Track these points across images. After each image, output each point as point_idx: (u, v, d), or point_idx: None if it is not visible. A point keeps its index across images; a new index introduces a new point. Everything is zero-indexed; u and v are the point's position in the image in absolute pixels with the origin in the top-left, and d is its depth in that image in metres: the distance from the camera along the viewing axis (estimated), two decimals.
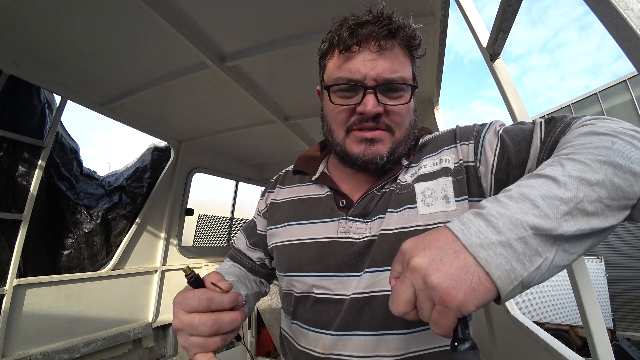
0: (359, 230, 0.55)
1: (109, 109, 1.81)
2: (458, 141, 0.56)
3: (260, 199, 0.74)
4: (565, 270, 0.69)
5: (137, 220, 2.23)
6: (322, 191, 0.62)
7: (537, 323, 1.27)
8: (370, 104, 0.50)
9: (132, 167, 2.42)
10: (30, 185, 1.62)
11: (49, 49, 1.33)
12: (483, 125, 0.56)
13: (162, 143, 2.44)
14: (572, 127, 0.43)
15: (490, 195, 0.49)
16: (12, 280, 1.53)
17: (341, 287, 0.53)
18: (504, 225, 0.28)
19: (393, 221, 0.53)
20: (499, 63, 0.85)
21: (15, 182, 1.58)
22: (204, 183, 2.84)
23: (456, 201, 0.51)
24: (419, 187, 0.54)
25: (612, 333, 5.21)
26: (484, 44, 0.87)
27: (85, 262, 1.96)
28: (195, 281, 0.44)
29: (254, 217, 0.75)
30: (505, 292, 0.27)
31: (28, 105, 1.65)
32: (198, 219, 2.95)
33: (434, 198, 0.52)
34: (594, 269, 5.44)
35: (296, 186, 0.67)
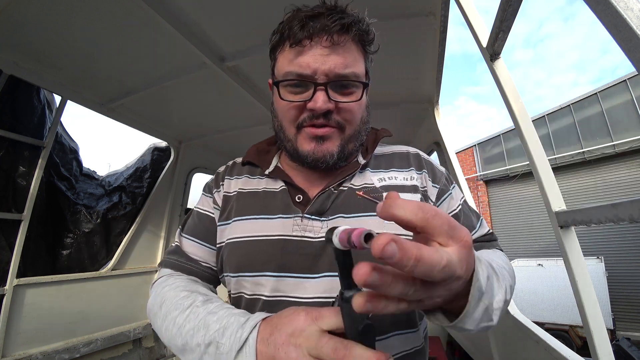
0: (315, 229, 0.53)
1: (109, 109, 1.81)
2: (425, 171, 0.60)
3: (216, 191, 0.65)
4: (565, 270, 0.69)
5: (137, 220, 2.23)
6: (276, 185, 0.59)
7: (537, 323, 1.27)
8: (320, 100, 0.49)
9: (132, 167, 2.42)
10: (30, 185, 1.62)
11: (49, 49, 1.33)
12: (447, 179, 0.63)
13: (162, 143, 2.43)
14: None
15: None
16: (12, 280, 1.53)
17: (297, 289, 0.50)
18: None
19: (357, 224, 0.52)
20: (499, 63, 0.85)
21: (15, 182, 1.58)
22: (204, 183, 2.84)
23: None
24: None
25: (612, 333, 5.21)
26: (484, 44, 0.87)
27: (85, 262, 1.96)
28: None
29: (206, 212, 0.64)
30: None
31: (28, 105, 1.65)
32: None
33: None
34: (594, 269, 5.44)
35: (245, 177, 0.64)
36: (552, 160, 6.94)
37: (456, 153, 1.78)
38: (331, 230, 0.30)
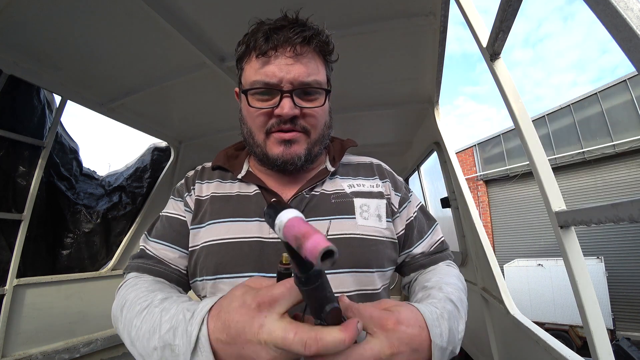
0: None
1: (109, 109, 1.81)
2: (388, 181, 0.66)
3: (187, 195, 0.63)
4: (565, 270, 0.69)
5: (137, 220, 2.23)
6: (249, 189, 0.61)
7: (537, 323, 1.27)
8: (287, 106, 0.52)
9: (132, 167, 2.43)
10: (30, 185, 1.62)
11: (49, 49, 1.33)
12: (406, 188, 0.69)
13: (162, 143, 2.44)
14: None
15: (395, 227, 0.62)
16: (12, 280, 1.53)
17: None
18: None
19: (332, 227, 0.55)
20: (499, 63, 0.85)
21: (15, 182, 1.58)
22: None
23: (387, 221, 0.59)
24: (357, 202, 0.59)
25: (612, 333, 5.21)
26: (484, 44, 0.87)
27: (85, 262, 1.96)
28: (289, 274, 0.34)
29: (176, 216, 0.62)
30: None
31: (28, 105, 1.65)
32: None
33: (369, 214, 0.58)
34: (594, 269, 5.44)
35: (216, 181, 0.64)
36: (552, 160, 6.94)
37: (456, 153, 1.78)
38: (274, 209, 0.28)
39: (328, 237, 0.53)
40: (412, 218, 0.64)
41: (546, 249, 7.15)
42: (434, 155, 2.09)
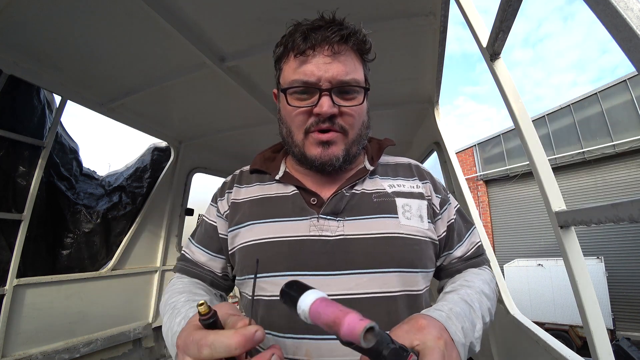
0: (332, 228, 0.55)
1: (109, 109, 1.81)
2: (428, 182, 0.65)
3: (220, 199, 0.67)
4: (565, 270, 0.69)
5: (137, 220, 2.23)
6: (287, 190, 0.61)
7: (537, 323, 1.27)
8: (326, 105, 0.52)
9: (132, 167, 2.42)
10: (30, 185, 1.62)
11: (49, 49, 1.33)
12: (445, 189, 0.68)
13: (162, 143, 2.43)
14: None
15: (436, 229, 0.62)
16: (12, 280, 1.53)
17: (318, 287, 0.50)
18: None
19: (373, 226, 0.55)
20: (499, 63, 0.85)
21: (15, 182, 1.58)
22: (204, 183, 2.84)
23: (428, 222, 0.59)
24: (399, 202, 0.59)
25: (612, 333, 5.21)
26: (484, 44, 0.87)
27: (85, 262, 1.96)
28: (212, 324, 0.34)
29: (209, 221, 0.67)
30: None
31: (28, 105, 1.65)
32: (198, 219, 2.95)
33: (411, 214, 0.58)
34: (594, 269, 5.44)
35: (255, 185, 0.65)
36: (552, 160, 6.94)
37: (456, 153, 1.78)
38: (289, 295, 0.28)
39: (371, 236, 0.54)
40: (453, 220, 0.64)
41: (546, 249, 7.15)
42: (434, 155, 2.09)
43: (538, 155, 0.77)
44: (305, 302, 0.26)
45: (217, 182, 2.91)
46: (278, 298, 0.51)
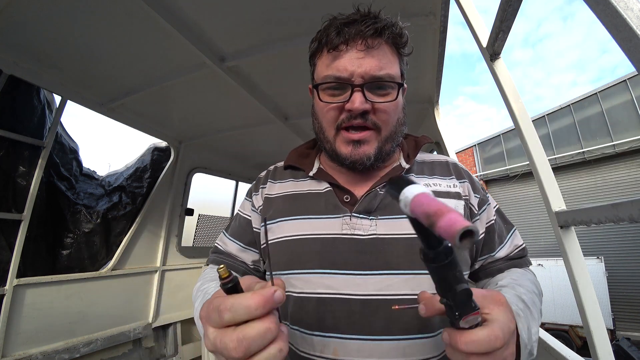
0: (364, 227, 0.54)
1: (109, 109, 1.81)
2: (466, 181, 0.62)
3: (255, 194, 0.67)
4: (565, 270, 0.69)
5: (137, 220, 2.23)
6: (320, 187, 0.61)
7: None
8: (357, 101, 0.51)
9: (132, 167, 2.42)
10: (30, 185, 1.62)
11: (49, 49, 1.33)
12: (483, 189, 0.65)
13: (162, 143, 2.43)
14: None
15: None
16: (12, 280, 1.53)
17: (348, 286, 0.51)
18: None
19: (407, 226, 0.52)
20: (499, 63, 0.84)
21: (15, 182, 1.58)
22: (204, 183, 2.84)
23: None
24: None
25: (612, 333, 5.21)
26: (484, 44, 0.87)
27: (85, 262, 1.96)
28: (233, 288, 0.33)
29: (244, 215, 0.68)
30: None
31: (28, 105, 1.65)
32: (198, 219, 2.95)
33: None
34: (594, 269, 5.44)
35: (289, 181, 0.65)
36: (552, 160, 6.94)
37: (456, 153, 1.78)
38: (397, 184, 0.27)
39: (404, 236, 0.52)
40: (493, 221, 0.61)
41: (546, 249, 7.16)
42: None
43: (538, 155, 0.76)
44: (411, 190, 0.26)
45: (217, 182, 2.91)
46: (308, 295, 0.52)
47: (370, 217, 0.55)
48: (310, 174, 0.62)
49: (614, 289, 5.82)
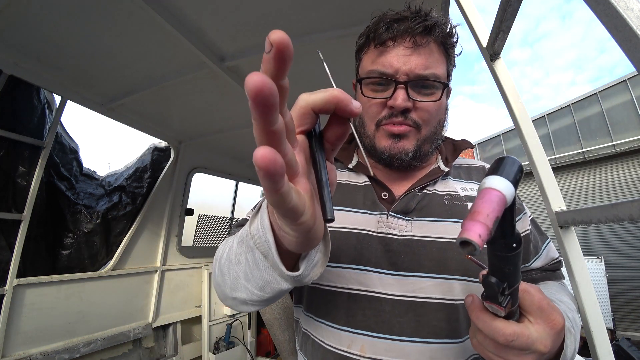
0: (400, 227, 0.53)
1: (109, 109, 1.81)
2: None
3: None
4: (564, 269, 0.69)
5: (137, 220, 2.23)
6: (359, 179, 0.60)
7: None
8: (400, 98, 0.50)
9: (132, 167, 2.42)
10: (30, 185, 1.62)
11: (49, 49, 1.33)
12: (518, 197, 0.63)
13: (162, 143, 2.43)
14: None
15: None
16: (12, 280, 1.53)
17: (380, 285, 0.50)
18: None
19: (443, 229, 0.52)
20: (499, 63, 0.84)
21: (15, 182, 1.58)
22: (204, 183, 2.84)
23: None
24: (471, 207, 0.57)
25: (612, 333, 5.21)
26: (484, 44, 0.87)
27: (85, 262, 1.96)
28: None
29: None
30: None
31: (28, 105, 1.65)
32: (198, 219, 2.94)
33: None
34: (594, 269, 5.44)
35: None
36: (552, 160, 6.94)
37: None
38: (496, 165, 0.28)
39: (439, 239, 0.52)
40: (528, 231, 0.60)
41: None
42: None
43: (538, 155, 0.76)
44: (491, 182, 0.26)
45: (217, 182, 2.91)
46: (339, 290, 0.51)
47: (407, 218, 0.54)
48: (350, 166, 0.61)
49: (614, 289, 5.82)
